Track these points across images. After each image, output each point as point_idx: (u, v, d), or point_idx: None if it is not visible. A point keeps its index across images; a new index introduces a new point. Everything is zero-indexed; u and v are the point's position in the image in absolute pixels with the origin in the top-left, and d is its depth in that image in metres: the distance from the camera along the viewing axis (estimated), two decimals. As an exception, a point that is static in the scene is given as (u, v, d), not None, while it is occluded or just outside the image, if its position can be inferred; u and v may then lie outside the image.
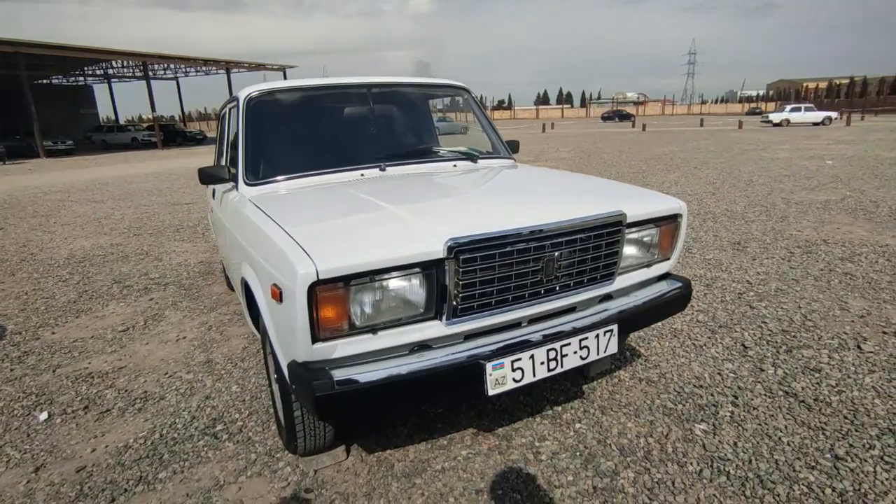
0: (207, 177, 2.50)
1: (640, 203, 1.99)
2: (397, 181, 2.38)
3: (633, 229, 1.96)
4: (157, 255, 5.42)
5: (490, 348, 1.65)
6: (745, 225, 5.73)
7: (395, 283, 1.55)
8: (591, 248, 1.81)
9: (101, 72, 34.27)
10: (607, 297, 2.02)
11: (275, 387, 2.03)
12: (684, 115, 79.63)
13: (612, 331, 1.82)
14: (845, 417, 2.18)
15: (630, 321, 1.93)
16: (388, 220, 1.76)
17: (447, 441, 2.16)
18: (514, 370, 1.64)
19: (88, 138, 30.34)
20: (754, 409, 2.27)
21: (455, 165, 2.71)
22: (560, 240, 1.73)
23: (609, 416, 2.27)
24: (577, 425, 2.21)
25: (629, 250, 2.00)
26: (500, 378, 1.62)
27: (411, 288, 1.57)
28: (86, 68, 33.06)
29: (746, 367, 2.64)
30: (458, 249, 1.54)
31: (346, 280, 1.46)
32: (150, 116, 30.44)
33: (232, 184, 2.50)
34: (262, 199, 2.19)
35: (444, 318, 1.62)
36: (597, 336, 1.79)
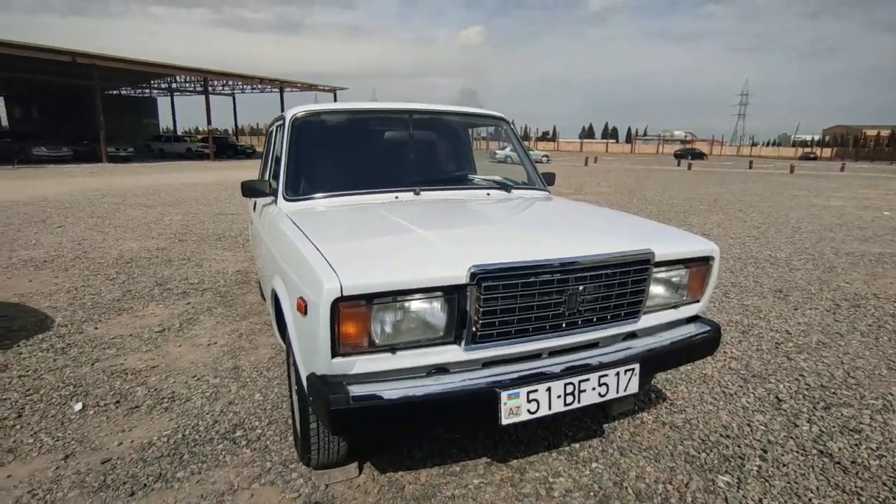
0: (250, 190, 2.62)
1: (670, 242, 1.97)
2: (429, 206, 2.43)
3: (662, 269, 1.93)
4: (197, 262, 5.64)
5: (507, 377, 1.65)
6: (789, 272, 5.53)
7: (416, 305, 1.58)
8: (616, 285, 1.80)
9: (166, 85, 36.34)
10: (632, 336, 1.99)
11: (295, 398, 2.07)
12: (733, 156, 77.83)
13: (633, 370, 1.79)
14: (884, 484, 2.05)
15: (653, 361, 1.89)
16: (415, 243, 1.80)
17: (460, 468, 2.14)
18: (529, 401, 1.63)
19: (147, 146, 32.04)
20: (784, 465, 2.17)
21: (488, 194, 2.75)
22: (585, 274, 1.72)
23: (628, 457, 2.21)
24: (594, 464, 2.16)
25: (656, 290, 1.97)
26: (515, 408, 1.61)
27: (432, 311, 1.60)
28: (152, 81, 35.15)
29: (779, 420, 2.52)
30: (480, 276, 1.56)
31: (369, 298, 1.50)
32: (206, 129, 31.95)
33: (272, 198, 2.60)
34: (299, 214, 2.28)
35: (462, 343, 1.64)
36: (617, 374, 1.76)
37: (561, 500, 1.94)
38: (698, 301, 2.11)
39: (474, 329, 1.61)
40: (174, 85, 36.10)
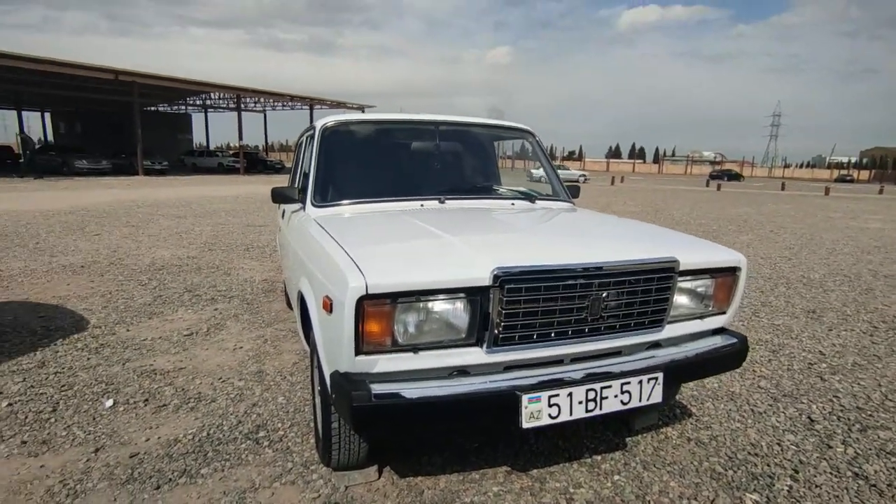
0: (279, 196, 2.69)
1: (695, 252, 1.95)
2: (454, 213, 2.46)
3: (687, 278, 1.91)
4: (226, 270, 5.77)
5: (528, 381, 1.65)
6: (823, 294, 5.36)
7: (439, 305, 1.60)
8: (639, 292, 1.79)
9: (200, 102, 37.63)
10: (656, 346, 1.96)
11: (317, 399, 2.10)
12: (764, 178, 76.15)
13: (657, 378, 1.76)
14: (924, 509, 1.96)
15: (677, 371, 1.86)
16: (439, 246, 1.83)
17: (479, 475, 2.13)
18: (550, 406, 1.62)
19: (181, 161, 33.09)
20: (817, 486, 2.09)
21: (513, 204, 2.77)
22: (608, 280, 1.72)
23: (651, 472, 2.16)
24: (616, 477, 2.12)
25: (681, 299, 1.95)
26: (536, 412, 1.61)
27: (455, 312, 1.61)
28: (188, 98, 36.45)
29: (812, 441, 2.44)
30: (503, 279, 1.58)
31: (394, 297, 1.52)
32: (237, 144, 32.88)
33: (300, 205, 2.67)
34: (326, 219, 2.33)
35: (484, 345, 1.65)
36: (640, 382, 1.74)
37: (582, 511, 1.91)
38: (724, 313, 2.07)
39: (496, 331, 1.62)
40: (208, 102, 37.34)
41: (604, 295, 1.73)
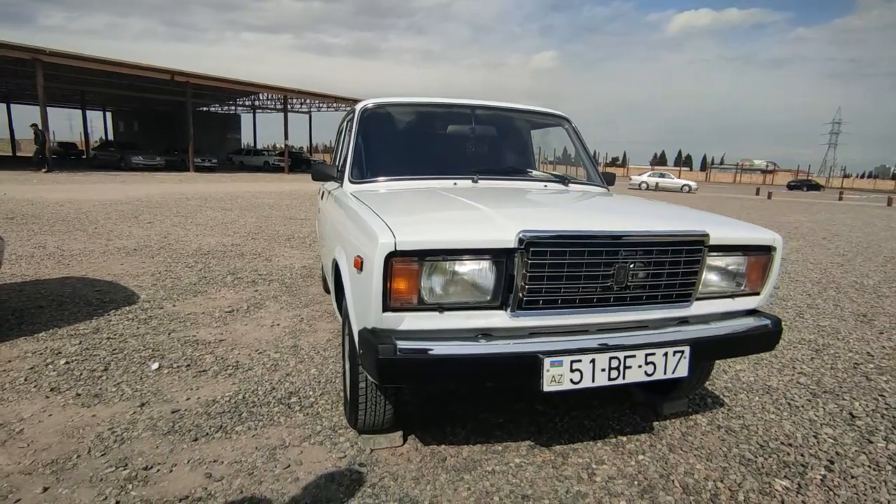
0: (319, 174, 2.80)
1: (727, 228, 1.92)
2: (486, 191, 2.49)
3: (717, 254, 1.89)
4: (267, 257, 5.98)
5: (551, 346, 1.66)
6: (877, 299, 5.10)
7: (465, 266, 1.64)
8: (667, 264, 1.77)
9: (250, 103, 38.97)
10: (684, 322, 1.94)
11: (347, 364, 2.17)
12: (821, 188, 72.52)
13: (682, 352, 1.75)
14: (970, 506, 1.86)
15: (706, 347, 1.83)
16: (469, 212, 1.87)
17: (502, 447, 2.15)
18: (572, 371, 1.64)
19: (229, 159, 34.35)
20: (853, 477, 2.01)
21: (546, 186, 2.78)
22: (635, 249, 1.72)
23: (677, 454, 2.13)
24: (640, 457, 2.10)
25: (712, 276, 1.92)
26: (558, 376, 1.62)
27: (481, 273, 1.65)
28: (237, 99, 37.80)
29: (851, 435, 2.35)
30: (528, 241, 1.60)
31: (421, 255, 1.57)
32: (282, 145, 33.86)
33: (338, 183, 2.77)
34: (363, 193, 2.41)
35: (509, 309, 1.67)
36: (665, 354, 1.72)
37: (602, 484, 1.91)
38: (758, 293, 2.02)
39: (521, 295, 1.65)
40: (257, 103, 38.61)
41: (630, 265, 1.73)
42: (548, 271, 1.65)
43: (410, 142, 2.92)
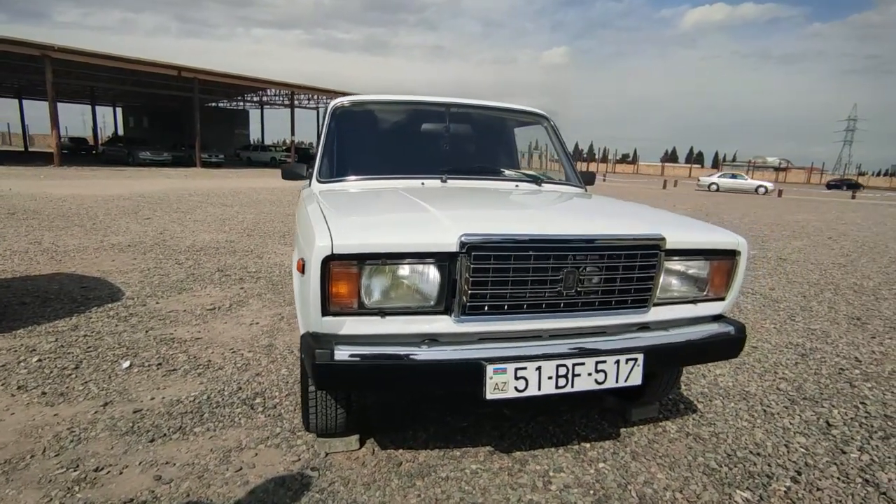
0: (288, 173, 2.77)
1: (686, 231, 1.86)
2: (451, 191, 2.45)
3: (677, 258, 1.83)
4: (259, 254, 5.98)
5: (496, 353, 1.62)
6: (874, 302, 4.99)
7: (406, 270, 1.60)
8: (621, 269, 1.72)
9: (258, 99, 39.12)
10: (644, 328, 1.88)
11: (301, 368, 2.15)
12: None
13: (636, 360, 1.69)
14: (938, 522, 1.79)
15: (661, 355, 1.78)
16: (418, 216, 1.83)
17: (460, 453, 2.11)
18: (517, 378, 1.59)
19: (237, 155, 34.53)
20: (818, 489, 1.95)
21: (517, 186, 2.73)
22: (584, 254, 1.67)
23: (639, 462, 2.08)
24: (601, 464, 2.06)
25: (672, 281, 1.87)
26: (501, 384, 1.58)
27: (423, 278, 1.61)
28: (245, 95, 37.97)
29: (824, 445, 2.28)
30: (470, 245, 1.56)
31: (360, 259, 1.54)
32: (289, 141, 33.95)
33: (308, 181, 2.74)
34: (327, 193, 2.38)
35: (453, 315, 1.63)
36: (617, 362, 1.67)
37: (556, 494, 1.87)
38: (722, 299, 1.96)
39: (464, 300, 1.60)
40: (264, 98, 38.74)
41: (580, 270, 1.68)
42: (492, 276, 1.60)
43: (383, 141, 2.88)
